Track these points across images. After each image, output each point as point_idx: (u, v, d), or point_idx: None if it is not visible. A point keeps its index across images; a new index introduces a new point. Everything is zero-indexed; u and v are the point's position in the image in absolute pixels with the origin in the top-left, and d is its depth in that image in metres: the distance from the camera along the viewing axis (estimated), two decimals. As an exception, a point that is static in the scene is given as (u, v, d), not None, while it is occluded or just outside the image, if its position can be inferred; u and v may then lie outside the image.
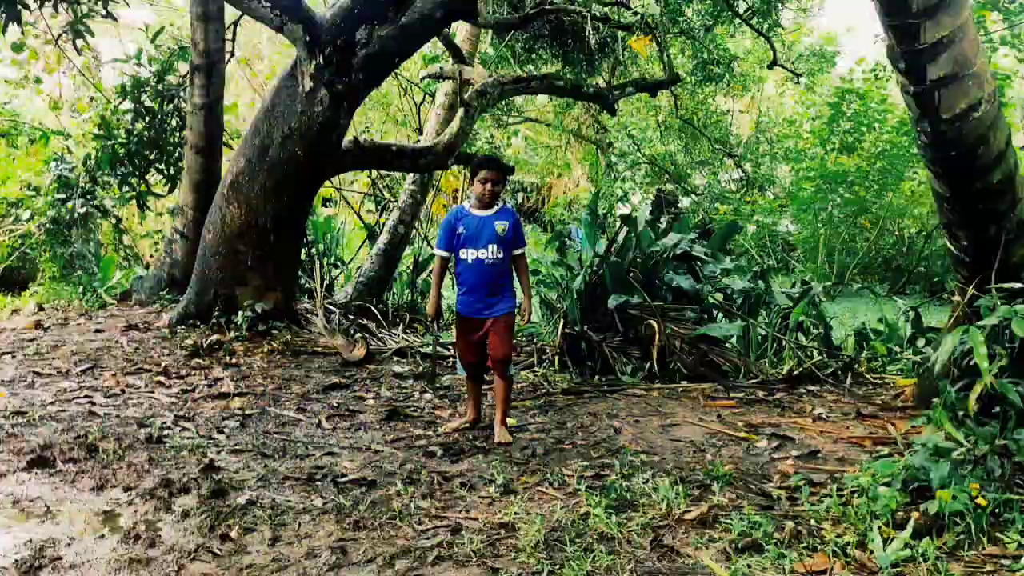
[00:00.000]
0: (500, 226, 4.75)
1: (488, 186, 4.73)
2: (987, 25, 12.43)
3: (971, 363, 4.12)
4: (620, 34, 11.47)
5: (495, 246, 4.74)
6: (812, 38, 21.68)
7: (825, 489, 3.85)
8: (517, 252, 4.86)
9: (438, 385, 6.13)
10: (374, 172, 12.54)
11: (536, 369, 6.73)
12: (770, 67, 11.98)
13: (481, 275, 4.75)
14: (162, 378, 5.95)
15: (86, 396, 5.40)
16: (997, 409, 3.98)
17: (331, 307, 8.43)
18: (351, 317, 8.44)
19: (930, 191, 5.11)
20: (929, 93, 4.27)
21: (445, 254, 4.90)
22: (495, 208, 4.79)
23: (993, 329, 4.04)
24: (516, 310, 4.94)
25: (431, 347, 6.61)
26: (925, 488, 3.46)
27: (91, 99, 12.16)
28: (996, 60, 13.47)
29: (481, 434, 4.87)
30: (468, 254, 4.76)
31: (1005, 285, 4.42)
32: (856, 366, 6.71)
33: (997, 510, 3.36)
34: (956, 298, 5.10)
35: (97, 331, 7.40)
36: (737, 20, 11.58)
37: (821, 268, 14.86)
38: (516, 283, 4.98)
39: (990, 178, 4.47)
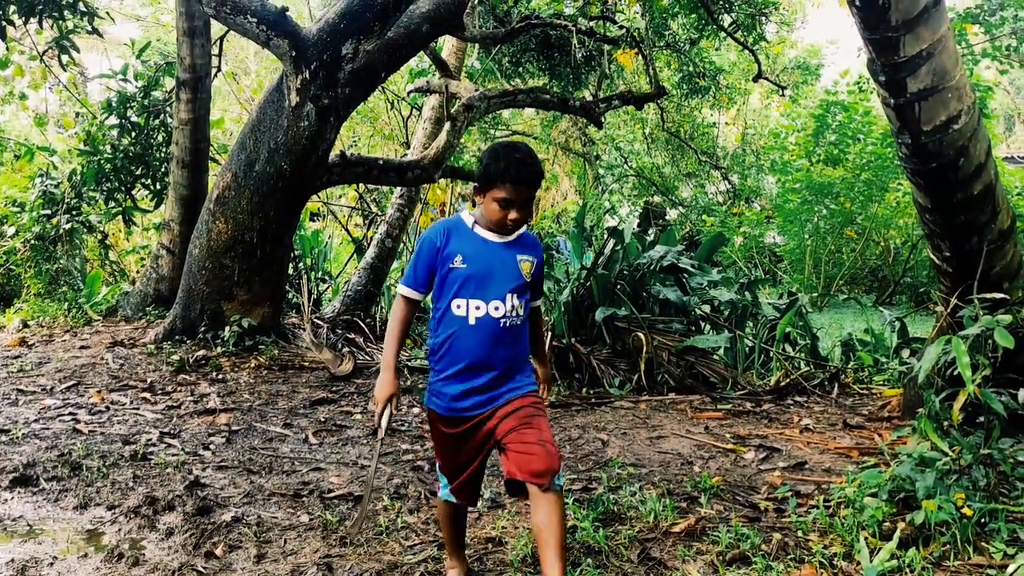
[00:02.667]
0: (526, 264, 2.79)
1: (513, 213, 2.72)
2: (968, 38, 12.59)
3: (955, 373, 4.14)
4: (606, 48, 11.57)
5: (516, 297, 2.75)
6: (796, 51, 21.88)
7: (812, 500, 3.87)
8: (536, 303, 2.94)
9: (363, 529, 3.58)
10: (361, 186, 12.55)
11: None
12: (755, 80, 12.13)
13: (491, 345, 2.72)
14: (147, 394, 5.91)
15: (70, 413, 5.36)
16: (982, 419, 4.00)
17: (318, 321, 8.41)
18: (339, 331, 8.42)
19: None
20: (909, 106, 4.31)
21: (417, 296, 2.83)
22: (517, 233, 2.83)
23: (976, 339, 4.07)
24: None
25: (369, 468, 4.29)
26: (911, 498, 3.47)
27: (77, 115, 12.13)
28: (979, 72, 13.63)
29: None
30: (468, 308, 2.72)
31: (987, 295, 4.45)
32: (843, 377, 6.75)
33: (982, 520, 3.38)
34: (939, 308, 5.13)
35: (82, 347, 7.36)
36: (722, 34, 11.69)
37: (808, 279, 14.96)
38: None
39: (970, 189, 4.51)
